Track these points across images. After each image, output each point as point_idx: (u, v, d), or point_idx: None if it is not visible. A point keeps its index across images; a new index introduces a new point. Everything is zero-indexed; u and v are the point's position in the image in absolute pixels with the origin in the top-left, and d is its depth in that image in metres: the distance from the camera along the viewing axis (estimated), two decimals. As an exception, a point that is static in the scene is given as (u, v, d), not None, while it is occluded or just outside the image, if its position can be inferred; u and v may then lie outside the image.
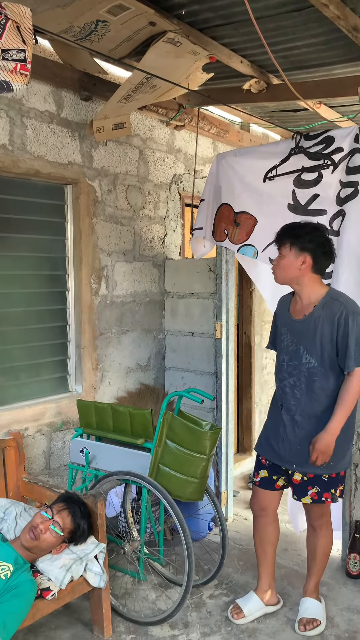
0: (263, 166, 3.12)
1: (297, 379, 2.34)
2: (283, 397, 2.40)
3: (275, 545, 2.59)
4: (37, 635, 2.42)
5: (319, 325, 2.28)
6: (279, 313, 2.53)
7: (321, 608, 2.52)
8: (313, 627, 2.43)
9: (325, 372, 2.28)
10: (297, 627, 2.45)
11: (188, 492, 2.58)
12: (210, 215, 3.39)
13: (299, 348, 2.33)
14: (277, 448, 2.42)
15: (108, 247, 3.45)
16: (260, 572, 2.59)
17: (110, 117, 3.12)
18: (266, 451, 2.49)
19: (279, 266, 2.35)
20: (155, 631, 2.45)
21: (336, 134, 2.91)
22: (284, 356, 2.40)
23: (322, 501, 2.36)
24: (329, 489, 2.36)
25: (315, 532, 2.49)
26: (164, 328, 3.89)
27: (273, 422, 2.46)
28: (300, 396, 2.33)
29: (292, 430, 2.36)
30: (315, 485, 2.35)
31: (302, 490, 2.38)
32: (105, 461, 2.75)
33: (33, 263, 3.13)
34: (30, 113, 2.96)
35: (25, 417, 3.02)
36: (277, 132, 4.77)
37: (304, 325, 2.32)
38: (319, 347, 2.28)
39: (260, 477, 2.51)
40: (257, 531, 2.58)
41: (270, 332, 2.65)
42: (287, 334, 2.40)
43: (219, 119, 4.11)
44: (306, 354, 2.31)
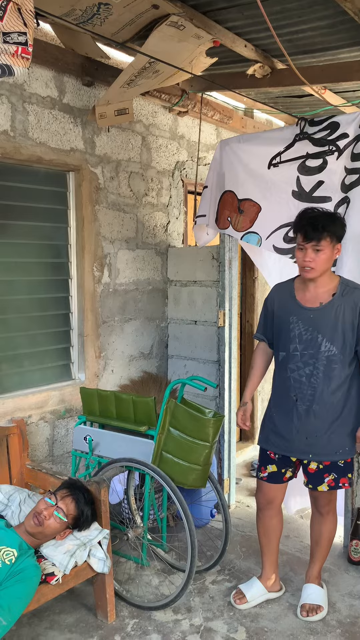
0: (267, 152, 3.09)
1: (314, 367, 2.30)
2: (297, 387, 2.35)
3: (279, 535, 2.60)
4: (42, 619, 2.45)
5: (341, 313, 2.27)
6: (279, 301, 2.46)
7: (324, 594, 2.54)
8: (315, 613, 2.45)
9: (344, 359, 2.30)
10: (299, 612, 2.47)
11: (191, 479, 2.59)
12: (214, 202, 3.37)
13: (317, 336, 2.30)
14: (289, 440, 2.39)
15: (111, 234, 3.43)
16: (264, 560, 2.61)
17: (113, 103, 3.08)
18: (276, 445, 2.44)
19: (320, 262, 2.24)
20: (158, 616, 2.48)
21: (341, 120, 2.87)
22: (296, 345, 2.34)
23: (339, 487, 2.39)
24: (345, 474, 2.39)
25: (322, 518, 2.50)
26: (166, 316, 3.88)
27: (283, 414, 2.41)
28: (317, 385, 2.31)
29: (308, 420, 2.33)
30: (332, 472, 2.36)
31: (318, 478, 2.38)
32: (109, 448, 2.76)
33: (35, 251, 3.12)
34: (31, 98, 2.93)
35: (29, 405, 3.02)
36: (282, 118, 4.72)
37: (322, 313, 2.30)
38: (341, 335, 2.27)
39: (268, 472, 2.48)
40: (261, 523, 2.58)
41: (261, 322, 2.57)
42: (299, 322, 2.34)
43: (223, 104, 4.06)
44: (326, 341, 2.28)
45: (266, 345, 2.58)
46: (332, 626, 2.41)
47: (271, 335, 2.52)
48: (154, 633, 2.37)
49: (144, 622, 2.44)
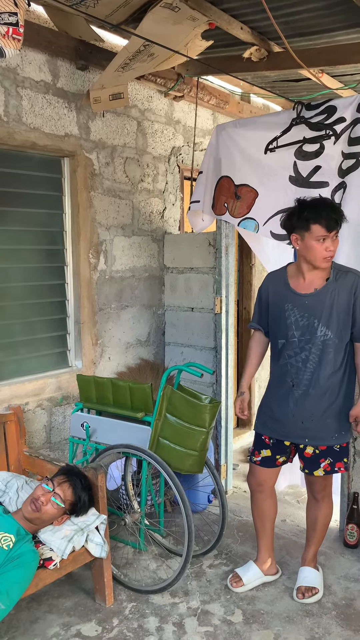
0: (264, 137, 3.06)
1: (310, 352, 2.33)
2: (294, 372, 2.37)
3: (273, 519, 2.62)
4: (41, 603, 2.47)
5: (335, 297, 2.30)
6: (273, 289, 2.46)
7: (319, 577, 2.57)
8: (311, 594, 2.48)
9: (339, 342, 2.32)
10: (295, 595, 2.50)
11: (188, 464, 2.61)
12: (210, 188, 3.34)
13: (313, 322, 2.32)
14: (285, 424, 2.41)
15: (106, 221, 3.41)
16: (260, 544, 2.63)
17: (108, 87, 3.04)
18: (272, 429, 2.46)
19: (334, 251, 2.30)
20: (156, 599, 2.50)
21: (338, 104, 2.84)
22: (293, 332, 2.36)
23: (335, 471, 2.41)
24: (341, 458, 2.41)
25: (317, 504, 2.52)
26: (163, 303, 3.87)
27: (280, 399, 2.43)
28: (314, 369, 2.33)
29: (304, 405, 2.36)
30: (328, 457, 2.39)
31: (314, 463, 2.40)
32: (106, 435, 2.77)
33: (30, 237, 3.10)
34: (25, 83, 2.89)
35: (26, 392, 3.03)
36: (278, 102, 4.67)
37: (316, 298, 2.32)
38: (336, 319, 2.30)
39: (261, 457, 2.51)
40: (255, 506, 2.60)
41: (256, 311, 2.57)
42: (294, 309, 2.36)
43: (219, 89, 4.02)
44: (321, 326, 2.31)
45: (261, 334, 2.59)
46: (327, 608, 2.44)
47: (266, 324, 2.52)
48: (151, 616, 2.39)
49: (141, 605, 2.46)
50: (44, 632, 2.29)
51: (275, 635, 2.27)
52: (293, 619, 2.36)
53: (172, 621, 2.36)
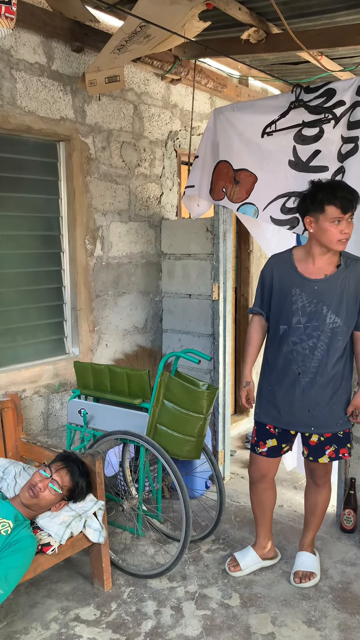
0: (263, 121, 3.02)
1: (318, 339, 2.30)
2: (300, 360, 2.33)
3: (272, 507, 2.62)
4: (39, 588, 2.49)
5: (346, 284, 2.27)
6: (279, 274, 2.39)
7: (316, 561, 2.59)
8: (308, 579, 2.49)
9: (347, 330, 2.31)
10: (292, 579, 2.51)
11: (185, 450, 2.61)
12: (207, 172, 3.30)
13: (321, 308, 2.28)
14: (292, 414, 2.38)
15: (103, 206, 3.37)
16: (258, 531, 2.64)
17: (103, 70, 2.99)
18: (277, 419, 2.43)
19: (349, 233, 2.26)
20: (154, 583, 2.52)
21: (337, 86, 2.80)
22: (299, 318, 2.31)
23: (340, 457, 2.42)
24: (345, 444, 2.42)
25: (318, 489, 2.53)
26: (160, 290, 3.85)
27: (285, 388, 2.38)
28: (322, 357, 2.30)
29: (311, 393, 2.33)
30: (333, 444, 2.39)
31: (319, 451, 2.40)
32: (103, 421, 2.76)
33: (26, 223, 3.06)
34: (19, 65, 2.84)
35: (23, 379, 3.02)
36: (277, 86, 4.61)
37: (326, 284, 2.28)
38: (345, 306, 2.28)
39: (267, 447, 2.48)
40: (255, 496, 2.59)
41: (258, 295, 2.51)
42: (302, 294, 2.31)
43: (217, 72, 3.96)
44: (331, 313, 2.27)
45: (262, 318, 2.51)
46: (324, 592, 2.46)
47: (268, 308, 2.46)
48: (149, 600, 2.41)
49: (139, 590, 2.48)
50: (43, 616, 2.31)
51: (272, 618, 2.29)
52: (290, 603, 2.38)
53: (170, 605, 2.38)
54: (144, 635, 2.20)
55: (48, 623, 2.27)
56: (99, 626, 2.25)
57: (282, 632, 2.21)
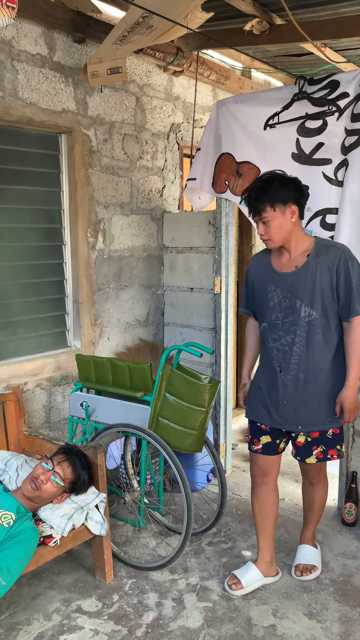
0: (266, 113, 3.00)
1: (296, 334, 2.21)
2: (281, 357, 2.26)
3: (275, 513, 2.48)
4: (42, 580, 2.50)
5: (317, 274, 2.16)
6: (257, 272, 2.35)
7: (317, 554, 2.58)
8: (310, 572, 2.49)
9: (327, 322, 2.19)
10: (293, 572, 2.51)
11: (187, 443, 2.61)
12: (210, 165, 3.29)
13: (295, 302, 2.20)
14: (277, 412, 2.30)
15: (104, 199, 3.36)
16: (260, 542, 2.48)
17: (105, 61, 2.97)
18: (264, 417, 2.36)
19: (273, 232, 2.16)
20: (155, 575, 2.53)
21: (341, 78, 2.78)
22: (277, 314, 2.25)
23: (328, 459, 2.32)
24: (334, 445, 2.32)
25: (313, 487, 2.49)
26: (162, 283, 3.84)
27: (269, 386, 2.32)
28: (301, 352, 2.21)
29: (295, 390, 2.25)
30: (321, 445, 2.30)
31: (306, 451, 2.32)
32: (105, 414, 2.77)
33: (28, 216, 3.05)
34: (20, 56, 2.82)
35: (24, 372, 3.02)
36: (280, 78, 4.58)
37: (297, 277, 2.20)
38: (320, 297, 2.17)
39: (262, 444, 2.39)
40: (257, 499, 2.46)
41: (244, 295, 2.45)
42: (277, 290, 2.25)
43: (219, 64, 3.93)
44: (305, 306, 2.18)
45: (254, 318, 2.47)
46: (325, 584, 2.47)
47: (254, 307, 2.42)
48: (151, 592, 2.42)
49: (141, 582, 2.49)
50: (45, 607, 2.32)
51: (273, 610, 2.30)
52: (291, 595, 2.39)
53: (171, 597, 2.39)
54: (146, 627, 2.21)
55: (50, 614, 2.28)
56: (100, 617, 2.26)
57: (283, 624, 2.22)
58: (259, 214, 2.15)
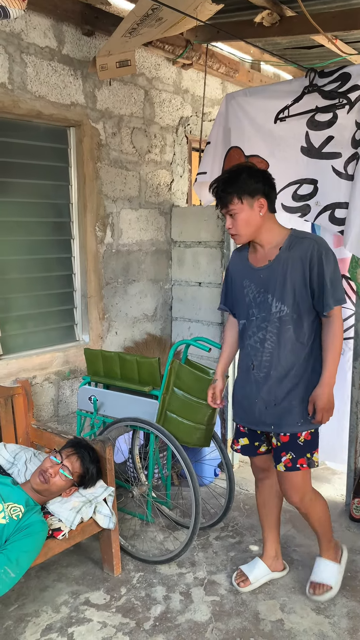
0: (275, 106, 2.97)
1: (267, 331, 2.11)
2: (253, 354, 2.17)
3: (279, 507, 2.44)
4: (50, 572, 2.51)
5: (289, 268, 2.05)
6: (235, 268, 2.27)
7: (334, 571, 2.34)
8: (322, 591, 2.30)
9: (299, 318, 2.08)
10: (307, 588, 2.34)
11: (195, 438, 2.61)
12: (219, 159, 3.27)
13: (267, 297, 2.10)
14: (252, 411, 2.20)
15: (113, 193, 3.35)
16: (265, 537, 2.46)
17: (114, 54, 2.95)
18: (241, 417, 2.28)
19: (240, 225, 2.07)
20: (163, 569, 2.54)
21: (352, 71, 2.74)
22: (252, 310, 2.16)
23: (297, 468, 2.13)
24: (304, 453, 2.14)
25: (301, 512, 2.28)
26: (170, 278, 3.84)
27: (244, 384, 2.23)
28: (273, 349, 2.11)
29: (268, 388, 2.14)
30: (290, 451, 2.14)
31: (276, 456, 2.18)
32: (113, 408, 2.77)
33: (36, 209, 3.05)
34: (29, 49, 2.81)
35: (33, 366, 3.02)
36: (290, 71, 4.54)
37: (269, 271, 2.10)
38: (290, 292, 2.06)
39: (241, 445, 2.34)
40: (260, 494, 2.43)
41: (223, 291, 2.38)
42: (251, 285, 2.16)
43: (229, 56, 3.90)
44: (276, 301, 2.08)
45: (232, 315, 2.38)
46: (333, 580, 2.46)
47: (232, 304, 2.33)
48: (158, 585, 2.43)
49: (149, 575, 2.50)
50: (53, 599, 2.33)
51: (281, 605, 2.30)
52: (299, 590, 2.39)
53: (179, 591, 2.39)
54: (154, 620, 2.22)
55: (58, 606, 2.30)
56: (108, 610, 2.27)
57: (291, 618, 2.22)
58: (226, 206, 2.07)
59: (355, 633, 2.14)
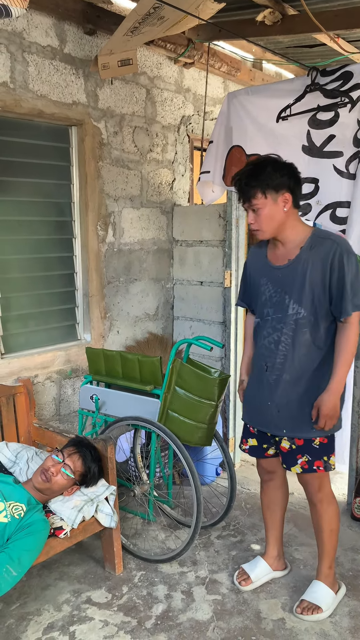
0: (277, 105, 2.97)
1: (282, 333, 2.06)
2: (267, 355, 2.13)
3: (284, 509, 2.42)
4: (52, 571, 2.52)
5: (308, 269, 1.99)
6: (253, 264, 2.23)
7: (328, 596, 2.23)
8: (311, 612, 2.19)
9: (316, 322, 2.02)
10: (295, 607, 2.24)
11: (196, 437, 2.61)
12: (220, 158, 3.26)
13: (284, 298, 2.05)
14: (263, 414, 2.17)
15: (115, 192, 3.35)
16: (268, 537, 2.44)
17: (116, 53, 2.95)
18: (252, 418, 2.25)
19: (263, 220, 2.01)
20: (164, 568, 2.54)
21: (355, 69, 2.74)
22: (267, 309, 2.12)
23: (314, 470, 2.11)
24: (321, 456, 2.11)
25: (315, 509, 2.22)
26: (172, 277, 3.84)
27: (257, 385, 2.20)
28: (287, 352, 2.06)
29: (280, 392, 2.09)
30: (306, 454, 2.11)
31: (291, 459, 2.15)
32: (115, 407, 2.77)
33: (38, 209, 3.05)
34: (31, 48, 2.81)
35: (35, 365, 3.03)
36: (292, 70, 4.53)
37: (288, 271, 2.04)
38: (309, 294, 2.00)
39: (249, 446, 2.31)
40: (265, 495, 2.41)
41: (240, 287, 2.35)
42: (268, 284, 2.11)
43: (230, 55, 3.90)
44: (293, 303, 2.03)
45: (251, 312, 2.35)
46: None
47: (249, 300, 2.30)
48: (160, 584, 2.43)
49: (150, 574, 2.50)
50: (55, 598, 2.34)
51: (282, 604, 2.30)
52: (300, 589, 2.39)
53: (180, 589, 2.40)
54: (155, 619, 2.22)
55: (60, 605, 2.30)
56: (110, 609, 2.28)
57: (293, 618, 2.22)
58: (249, 200, 2.00)
59: (357, 632, 2.14)
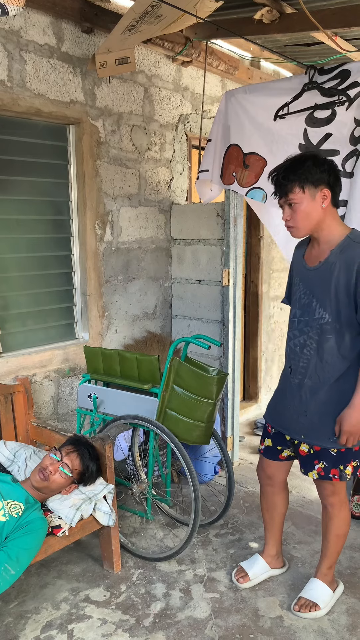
0: (274, 103, 2.97)
1: (308, 336, 2.02)
2: (292, 357, 2.10)
3: (283, 513, 2.40)
4: (50, 569, 2.52)
5: (335, 273, 1.92)
6: (294, 262, 2.18)
7: (326, 593, 2.24)
8: (309, 610, 2.20)
9: (341, 329, 1.95)
10: (292, 604, 2.25)
11: (195, 435, 2.61)
12: (218, 156, 3.27)
13: (312, 301, 2.00)
14: (283, 416, 2.16)
15: (112, 191, 3.35)
16: (267, 537, 2.44)
17: (114, 51, 2.95)
18: (273, 418, 2.23)
19: (300, 217, 1.94)
20: (163, 566, 2.54)
21: (352, 68, 2.74)
22: (296, 310, 2.08)
23: (329, 478, 2.07)
24: (337, 464, 2.06)
25: (326, 511, 2.20)
26: (170, 276, 3.84)
27: (281, 386, 2.19)
28: (310, 357, 2.02)
29: (301, 396, 2.07)
30: (322, 460, 2.07)
31: (308, 463, 2.12)
32: (113, 406, 2.77)
33: (36, 207, 3.05)
34: (29, 46, 2.81)
35: (33, 364, 3.03)
36: (290, 68, 4.53)
37: (318, 273, 1.98)
38: (334, 300, 1.93)
39: (265, 446, 2.29)
40: (264, 499, 2.40)
41: (287, 284, 2.31)
42: (300, 284, 2.06)
43: (228, 54, 3.89)
44: (319, 307, 1.97)
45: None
46: (332, 577, 2.47)
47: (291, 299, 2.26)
48: (158, 582, 2.43)
49: (149, 572, 2.50)
50: (54, 596, 2.34)
51: (280, 602, 2.31)
52: (298, 587, 2.39)
53: (178, 587, 2.40)
54: (153, 617, 2.22)
55: (58, 603, 2.30)
56: (108, 607, 2.28)
57: (291, 615, 2.23)
58: (286, 195, 1.93)
59: (355, 630, 2.15)
